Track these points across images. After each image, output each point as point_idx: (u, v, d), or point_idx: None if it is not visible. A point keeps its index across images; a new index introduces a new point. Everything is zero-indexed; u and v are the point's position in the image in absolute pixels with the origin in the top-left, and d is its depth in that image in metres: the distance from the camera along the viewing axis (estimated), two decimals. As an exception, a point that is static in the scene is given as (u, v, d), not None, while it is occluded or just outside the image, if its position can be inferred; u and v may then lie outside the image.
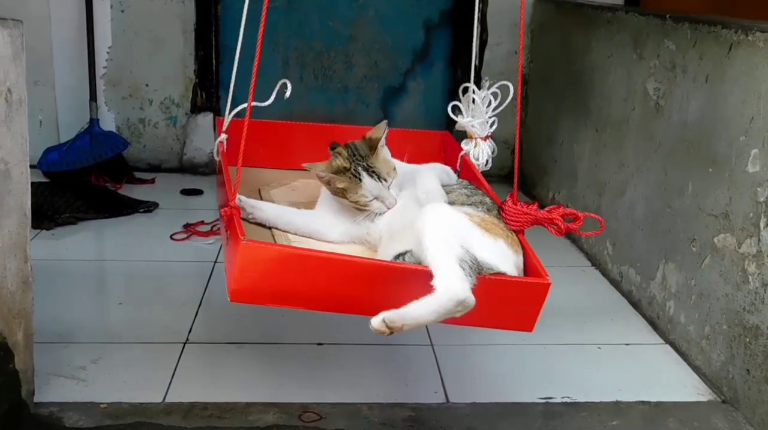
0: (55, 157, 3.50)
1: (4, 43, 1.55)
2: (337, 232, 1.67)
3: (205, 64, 3.78)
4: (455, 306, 1.33)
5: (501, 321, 1.51)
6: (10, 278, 1.63)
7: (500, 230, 1.52)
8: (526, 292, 1.44)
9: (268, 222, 1.67)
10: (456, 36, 4.01)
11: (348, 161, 1.64)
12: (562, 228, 1.48)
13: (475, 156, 1.85)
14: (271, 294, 1.40)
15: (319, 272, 1.37)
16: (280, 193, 1.89)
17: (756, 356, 1.88)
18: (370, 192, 1.62)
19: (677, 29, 2.34)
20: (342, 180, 1.63)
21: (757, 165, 1.89)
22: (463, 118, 1.86)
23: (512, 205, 1.56)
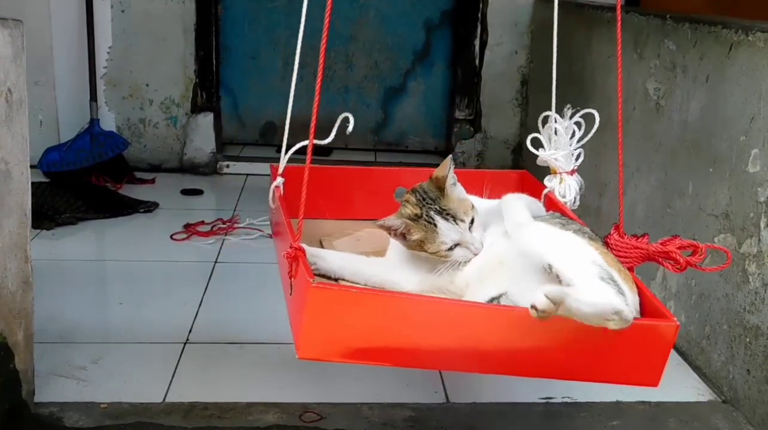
0: (56, 157, 3.50)
1: (5, 43, 1.55)
2: (415, 280, 1.46)
3: (206, 64, 3.78)
4: (612, 311, 1.13)
5: (622, 372, 1.26)
6: (11, 278, 1.63)
7: (612, 261, 1.30)
8: (652, 336, 1.21)
9: (334, 273, 1.47)
10: (456, 36, 4.01)
11: (418, 207, 1.42)
12: (681, 263, 1.27)
13: (561, 193, 1.64)
14: (349, 348, 1.19)
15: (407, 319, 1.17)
16: (344, 243, 1.70)
17: (756, 356, 1.88)
18: (449, 238, 1.40)
19: (677, 29, 2.34)
20: (416, 229, 1.42)
21: (757, 165, 1.89)
22: (545, 152, 1.65)
23: (619, 239, 1.37)
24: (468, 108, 3.98)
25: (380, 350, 1.19)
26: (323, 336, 1.18)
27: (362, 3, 3.96)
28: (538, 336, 1.17)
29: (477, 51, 3.92)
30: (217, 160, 3.85)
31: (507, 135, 3.98)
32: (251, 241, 2.93)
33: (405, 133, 4.19)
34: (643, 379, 1.23)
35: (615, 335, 1.16)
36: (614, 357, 1.21)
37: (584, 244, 1.30)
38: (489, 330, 1.18)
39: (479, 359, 1.21)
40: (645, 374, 1.23)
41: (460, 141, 3.97)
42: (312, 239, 1.64)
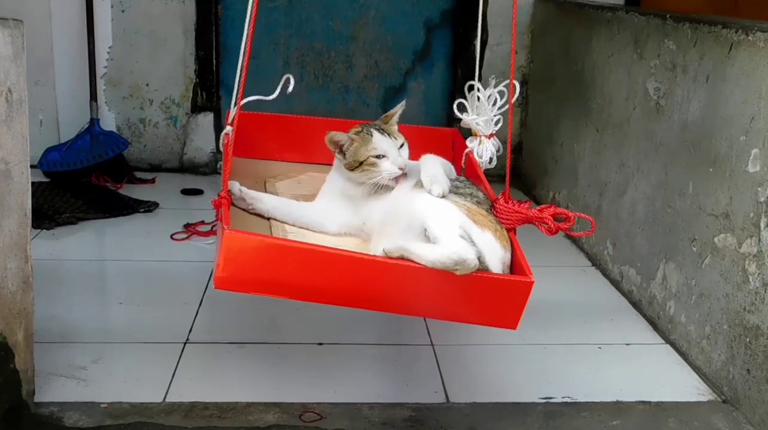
0: (56, 157, 3.50)
1: (5, 43, 1.55)
2: (335, 223, 1.69)
3: (206, 64, 3.78)
4: (456, 261, 1.36)
5: (484, 317, 1.51)
6: (11, 278, 1.63)
7: (488, 223, 1.53)
8: (509, 289, 1.43)
9: (267, 213, 1.69)
10: (456, 36, 4.01)
11: (362, 127, 1.69)
12: (552, 227, 1.48)
13: (479, 154, 1.85)
14: (255, 283, 1.40)
15: (301, 264, 1.38)
16: (285, 185, 1.91)
17: (756, 355, 1.88)
18: (379, 145, 1.64)
19: (678, 29, 2.34)
20: (355, 141, 1.66)
21: (757, 165, 1.89)
22: (468, 116, 1.86)
23: (504, 203, 1.57)
24: (468, 108, 3.97)
25: (279, 286, 1.40)
26: (234, 272, 1.38)
27: (362, 3, 3.96)
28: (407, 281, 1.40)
29: (477, 51, 3.91)
30: (217, 160, 3.85)
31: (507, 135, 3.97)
32: (251, 241, 2.93)
33: (405, 133, 4.19)
34: (504, 322, 1.46)
35: (477, 283, 1.39)
36: (480, 303, 1.44)
37: (456, 210, 1.51)
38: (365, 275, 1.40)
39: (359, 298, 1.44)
40: (506, 319, 1.45)
41: (460, 141, 3.97)
42: (257, 179, 1.86)
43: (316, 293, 1.43)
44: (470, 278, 1.38)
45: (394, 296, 1.44)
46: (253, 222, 1.65)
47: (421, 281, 1.39)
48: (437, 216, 1.48)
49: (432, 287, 1.40)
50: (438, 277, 1.37)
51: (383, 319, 2.45)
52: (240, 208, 1.68)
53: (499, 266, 1.47)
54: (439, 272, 1.37)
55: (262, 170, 1.95)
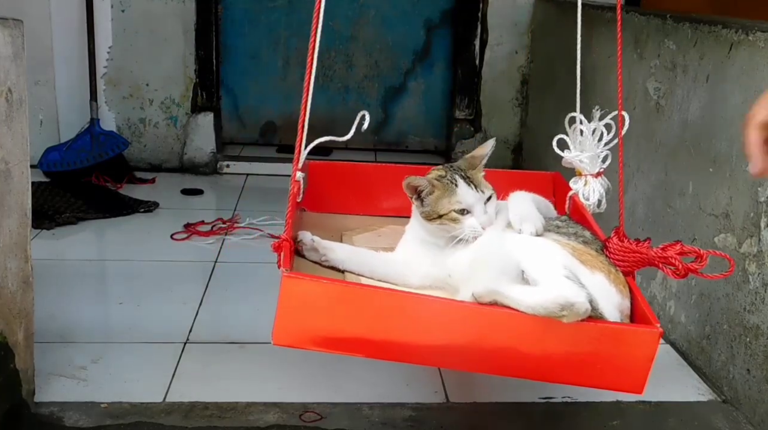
0: (56, 157, 3.50)
1: (5, 43, 1.55)
2: (417, 275, 1.50)
3: (206, 64, 3.78)
4: (562, 305, 1.15)
5: (601, 378, 1.23)
6: (11, 278, 1.63)
7: (600, 264, 1.33)
8: (632, 341, 1.19)
9: (342, 264, 1.51)
10: (456, 36, 4.01)
11: (444, 170, 1.51)
12: (681, 270, 1.26)
13: (585, 196, 1.64)
14: (321, 337, 1.21)
15: (374, 311, 1.19)
16: (364, 238, 1.72)
17: (756, 355, 1.88)
18: (464, 199, 1.45)
19: (678, 29, 2.34)
20: (436, 188, 1.48)
21: (757, 165, 1.89)
22: (570, 153, 1.66)
23: (618, 242, 1.36)
24: (468, 108, 3.98)
25: (351, 341, 1.20)
26: (296, 324, 1.21)
27: (362, 3, 3.96)
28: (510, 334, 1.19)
29: (477, 51, 3.92)
30: (217, 160, 3.85)
31: (507, 135, 3.98)
32: (251, 241, 2.93)
33: (405, 133, 4.19)
34: (628, 385, 1.22)
35: (590, 334, 1.17)
36: (591, 358, 1.20)
37: (558, 248, 1.32)
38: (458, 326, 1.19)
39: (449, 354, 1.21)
40: (629, 380, 1.21)
41: (460, 141, 3.97)
42: (334, 233, 1.65)
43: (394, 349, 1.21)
44: (581, 326, 1.16)
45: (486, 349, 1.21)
46: (324, 274, 1.47)
47: (519, 331, 1.18)
48: (536, 256, 1.28)
49: (533, 338, 1.18)
50: (541, 326, 1.16)
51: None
52: (312, 261, 1.51)
53: (615, 315, 1.26)
54: (541, 321, 1.15)
55: (337, 224, 1.76)
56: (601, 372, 1.21)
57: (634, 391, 1.21)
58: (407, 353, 1.23)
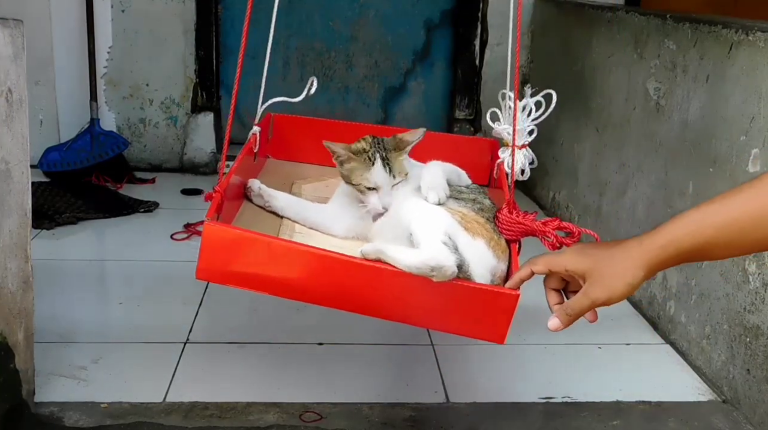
0: (56, 157, 3.50)
1: (5, 43, 1.55)
2: (343, 226, 1.66)
3: (206, 64, 3.78)
4: (432, 266, 1.30)
5: (467, 328, 1.44)
6: (11, 278, 1.63)
7: (484, 231, 1.47)
8: (492, 301, 1.35)
9: (281, 211, 1.69)
10: (456, 36, 4.01)
11: (369, 146, 1.61)
12: (555, 242, 1.41)
13: (509, 164, 1.76)
14: (233, 275, 1.41)
15: (275, 258, 1.37)
16: (312, 188, 1.89)
17: (756, 355, 1.88)
18: (373, 178, 1.58)
19: (678, 29, 2.34)
20: (355, 159, 1.61)
21: (757, 165, 1.89)
22: (500, 125, 1.78)
23: (507, 214, 1.50)
24: (468, 108, 3.98)
25: (256, 280, 1.39)
26: (214, 263, 1.40)
27: (362, 3, 3.96)
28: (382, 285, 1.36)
29: (477, 51, 3.92)
30: (217, 160, 3.85)
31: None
32: (251, 241, 2.93)
33: (404, 133, 4.19)
34: (490, 336, 1.39)
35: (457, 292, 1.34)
36: (464, 314, 1.39)
37: (445, 215, 1.46)
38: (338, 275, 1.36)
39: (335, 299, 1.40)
40: (491, 332, 1.39)
41: (460, 141, 3.97)
42: (285, 181, 1.87)
43: (292, 290, 1.41)
44: (450, 286, 1.33)
45: (369, 298, 1.39)
46: (265, 219, 1.66)
47: (396, 286, 1.35)
48: (423, 220, 1.44)
49: (409, 292, 1.35)
50: (415, 283, 1.32)
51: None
52: (257, 205, 1.70)
53: (487, 276, 1.42)
54: (416, 278, 1.32)
55: (292, 172, 1.95)
56: (463, 322, 1.42)
57: (496, 340, 1.38)
58: (300, 294, 1.41)
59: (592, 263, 1.01)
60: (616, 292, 0.98)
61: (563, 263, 1.04)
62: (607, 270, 1.00)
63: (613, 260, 1.00)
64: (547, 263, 1.07)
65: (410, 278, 1.32)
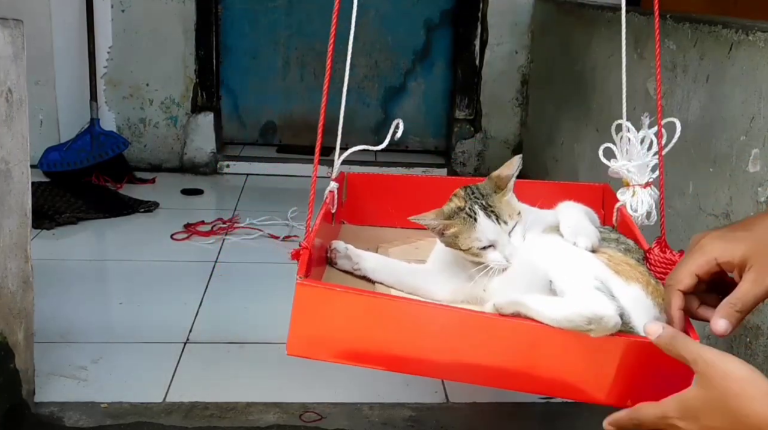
0: (56, 157, 3.50)
1: (5, 43, 1.55)
2: (449, 288, 1.38)
3: (206, 64, 3.78)
4: (589, 318, 1.08)
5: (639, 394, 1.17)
6: (11, 278, 1.63)
7: (638, 274, 1.23)
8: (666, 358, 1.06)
9: (372, 274, 1.44)
10: (456, 36, 4.01)
11: (464, 200, 1.35)
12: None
13: (633, 207, 1.53)
14: (335, 347, 1.16)
15: (388, 321, 1.13)
16: (401, 251, 1.64)
17: (756, 355, 1.88)
18: (485, 235, 1.30)
19: (678, 29, 2.34)
20: (454, 223, 1.33)
21: (757, 165, 1.89)
22: (617, 162, 1.55)
23: (659, 253, 1.28)
24: (468, 108, 3.98)
25: (367, 352, 1.16)
26: (310, 334, 1.16)
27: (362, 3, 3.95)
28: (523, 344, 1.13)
29: (477, 51, 3.92)
30: (217, 160, 3.86)
31: (507, 135, 3.98)
32: (251, 241, 2.93)
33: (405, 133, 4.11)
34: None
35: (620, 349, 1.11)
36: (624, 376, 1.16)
37: (591, 257, 1.25)
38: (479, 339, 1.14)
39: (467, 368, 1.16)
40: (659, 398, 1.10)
41: (460, 141, 3.97)
42: (371, 245, 1.61)
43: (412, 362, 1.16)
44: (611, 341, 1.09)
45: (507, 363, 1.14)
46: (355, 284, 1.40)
47: (543, 345, 1.11)
48: (564, 264, 1.21)
49: (558, 352, 1.11)
50: (567, 340, 1.09)
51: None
52: (344, 271, 1.45)
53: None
54: (566, 333, 1.09)
55: (375, 236, 1.70)
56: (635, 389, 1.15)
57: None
58: (426, 367, 1.18)
59: (751, 246, 0.86)
60: None
61: (711, 257, 0.88)
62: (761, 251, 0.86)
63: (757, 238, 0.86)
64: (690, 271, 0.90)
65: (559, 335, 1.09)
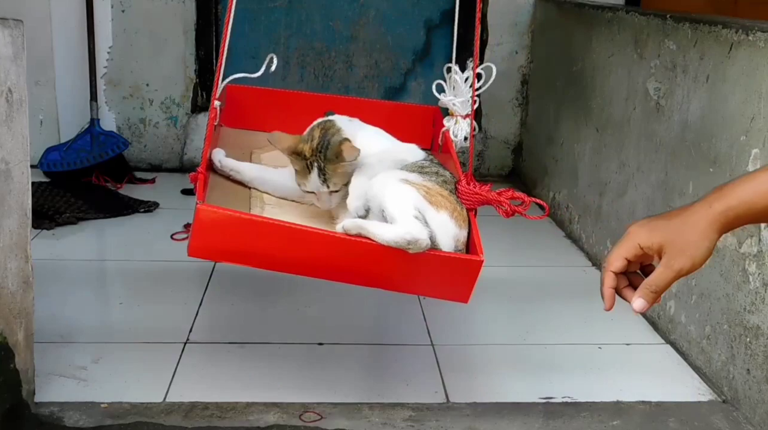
0: (56, 157, 3.50)
1: (5, 43, 1.55)
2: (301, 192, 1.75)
3: (206, 64, 3.78)
4: (409, 241, 1.46)
5: (438, 291, 1.65)
6: (11, 278, 1.63)
7: (447, 203, 1.59)
8: (460, 267, 1.53)
9: (249, 183, 1.80)
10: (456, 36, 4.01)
11: (311, 152, 1.68)
12: (508, 210, 1.56)
13: (454, 133, 1.93)
14: (224, 253, 1.54)
15: (267, 238, 1.49)
16: (270, 157, 1.96)
17: (756, 355, 1.88)
18: (308, 186, 1.68)
19: (678, 29, 2.34)
20: (296, 162, 1.69)
21: (757, 165, 1.89)
22: (446, 96, 1.95)
23: (465, 185, 1.64)
24: (468, 108, 3.98)
25: (247, 257, 1.53)
26: (206, 243, 1.51)
27: (362, 3, 3.96)
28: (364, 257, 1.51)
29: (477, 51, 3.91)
30: (217, 160, 3.85)
31: (507, 135, 3.98)
32: (251, 241, 2.93)
33: (405, 133, 4.19)
34: (456, 296, 1.58)
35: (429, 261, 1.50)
36: (433, 278, 1.55)
37: (413, 192, 1.57)
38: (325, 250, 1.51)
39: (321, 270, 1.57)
40: (457, 294, 1.57)
41: (460, 141, 3.97)
42: (245, 150, 1.99)
43: (281, 265, 1.54)
44: (423, 255, 1.48)
45: (352, 269, 1.54)
46: (236, 191, 1.77)
47: (376, 257, 1.49)
48: (394, 197, 1.56)
49: (387, 262, 1.50)
50: (393, 254, 1.47)
51: (383, 319, 2.45)
52: (223, 176, 1.80)
53: (451, 244, 1.55)
54: (394, 250, 1.47)
55: (250, 141, 2.04)
56: (434, 285, 1.60)
57: (461, 300, 1.56)
58: (290, 268, 1.56)
59: (667, 235, 1.01)
60: (698, 258, 1.00)
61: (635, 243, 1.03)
62: (684, 238, 1.00)
63: (686, 227, 1.00)
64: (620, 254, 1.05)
65: (388, 250, 1.47)
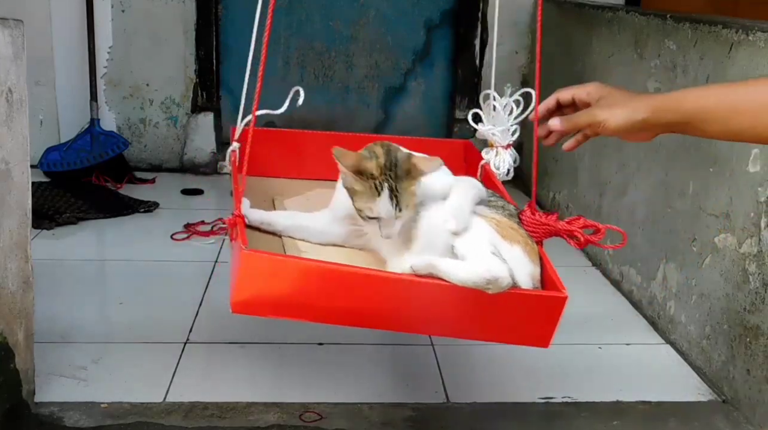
0: (56, 157, 3.50)
1: (5, 43, 1.55)
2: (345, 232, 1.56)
3: (206, 64, 3.78)
4: (488, 279, 1.29)
5: (516, 336, 1.43)
6: (11, 278, 1.63)
7: (518, 237, 1.45)
8: (542, 306, 1.36)
9: (281, 233, 1.60)
10: (456, 36, 4.01)
11: (379, 171, 1.45)
12: (582, 240, 1.41)
13: (495, 165, 1.77)
14: (275, 305, 1.33)
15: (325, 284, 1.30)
16: (294, 202, 1.79)
17: (756, 355, 1.88)
18: (377, 211, 1.44)
19: (678, 29, 2.34)
20: (361, 183, 1.45)
21: (757, 165, 1.89)
22: (484, 126, 1.77)
23: (530, 216, 1.51)
24: (468, 108, 3.97)
25: (300, 308, 1.33)
26: (253, 294, 1.31)
27: (362, 3, 3.96)
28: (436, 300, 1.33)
29: (477, 51, 3.92)
30: (217, 160, 3.85)
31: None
32: (251, 241, 2.93)
33: (405, 133, 4.18)
34: (536, 340, 1.41)
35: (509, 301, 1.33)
36: (511, 321, 1.38)
37: (484, 225, 1.44)
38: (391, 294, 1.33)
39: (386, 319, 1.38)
40: (537, 337, 1.39)
41: (460, 141, 3.97)
42: (265, 197, 1.79)
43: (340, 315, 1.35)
44: (502, 296, 1.31)
45: (420, 315, 1.37)
46: (266, 240, 1.55)
47: (450, 300, 1.32)
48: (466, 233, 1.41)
49: (462, 305, 1.33)
50: (468, 295, 1.30)
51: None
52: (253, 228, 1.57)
53: (528, 282, 1.40)
54: (469, 290, 1.29)
55: (266, 187, 1.84)
56: (512, 329, 1.41)
57: (541, 344, 1.39)
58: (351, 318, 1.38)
59: (607, 93, 1.25)
60: (614, 116, 1.18)
61: (587, 89, 1.27)
62: (615, 99, 1.22)
63: (623, 95, 1.23)
64: (570, 91, 1.31)
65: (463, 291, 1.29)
